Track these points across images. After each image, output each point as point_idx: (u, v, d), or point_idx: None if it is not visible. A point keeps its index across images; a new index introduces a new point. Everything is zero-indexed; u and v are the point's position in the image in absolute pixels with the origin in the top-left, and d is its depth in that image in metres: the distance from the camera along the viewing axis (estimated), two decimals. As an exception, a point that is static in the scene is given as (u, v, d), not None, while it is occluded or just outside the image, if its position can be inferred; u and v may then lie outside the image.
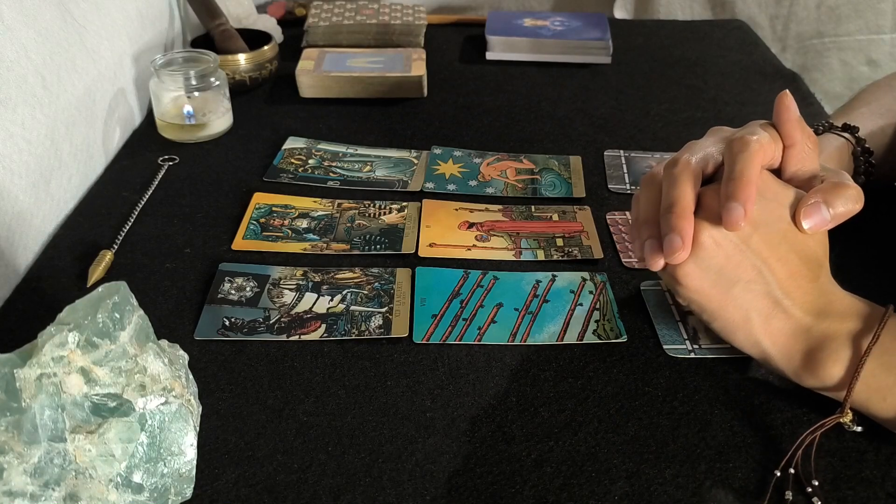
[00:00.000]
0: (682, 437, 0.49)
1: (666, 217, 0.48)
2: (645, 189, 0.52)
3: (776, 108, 0.50)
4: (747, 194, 0.46)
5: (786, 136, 0.50)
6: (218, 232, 0.67)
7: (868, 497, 0.45)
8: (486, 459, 0.47)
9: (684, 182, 0.48)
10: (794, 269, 0.48)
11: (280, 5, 1.12)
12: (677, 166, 0.49)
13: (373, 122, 0.86)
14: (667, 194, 0.49)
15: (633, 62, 1.03)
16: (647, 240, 0.49)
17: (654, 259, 0.48)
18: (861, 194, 0.48)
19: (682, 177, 0.48)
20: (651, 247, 0.49)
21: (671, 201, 0.48)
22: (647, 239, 0.49)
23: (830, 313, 0.48)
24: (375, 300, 0.59)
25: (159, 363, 0.43)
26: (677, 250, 0.47)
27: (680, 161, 0.49)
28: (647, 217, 0.51)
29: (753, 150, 0.47)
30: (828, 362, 0.47)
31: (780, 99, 0.50)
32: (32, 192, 0.65)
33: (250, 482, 0.46)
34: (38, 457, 0.40)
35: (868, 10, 1.33)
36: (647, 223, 0.50)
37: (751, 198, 0.46)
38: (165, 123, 0.81)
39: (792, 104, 0.49)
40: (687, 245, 0.47)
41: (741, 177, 0.46)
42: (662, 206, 0.49)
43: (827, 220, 0.47)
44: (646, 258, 0.49)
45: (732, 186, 0.46)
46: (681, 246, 0.47)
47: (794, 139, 0.50)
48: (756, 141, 0.47)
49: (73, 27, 0.73)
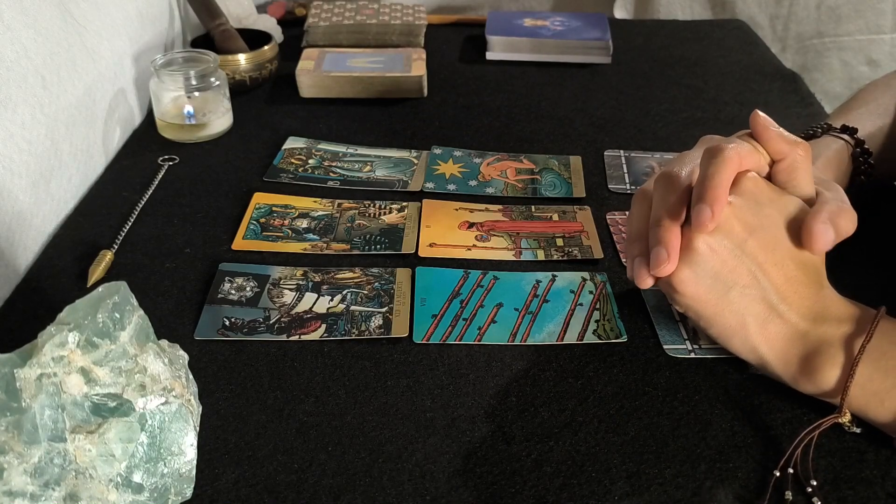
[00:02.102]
0: (682, 437, 0.49)
1: (654, 230, 0.49)
2: (636, 205, 0.53)
3: (752, 130, 0.50)
4: (714, 196, 0.46)
5: (773, 153, 0.50)
6: (218, 232, 0.67)
7: (868, 497, 0.45)
8: (486, 459, 0.47)
9: (672, 194, 0.49)
10: (790, 274, 0.48)
11: (280, 5, 1.12)
12: (667, 179, 0.50)
13: (373, 122, 0.86)
14: (656, 208, 0.50)
15: (633, 62, 1.03)
16: (636, 257, 0.50)
17: (642, 276, 0.49)
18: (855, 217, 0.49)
19: (669, 191, 0.49)
20: (639, 264, 0.50)
21: (659, 214, 0.49)
22: (636, 256, 0.50)
23: (827, 318, 0.48)
24: (375, 300, 0.59)
25: (159, 363, 0.43)
26: (662, 263, 0.47)
27: (669, 174, 0.50)
28: (637, 234, 0.52)
29: (726, 155, 0.47)
30: (825, 367, 0.47)
31: (752, 120, 0.50)
32: (32, 192, 0.65)
33: (250, 482, 0.46)
34: (38, 457, 0.40)
35: (868, 10, 1.33)
36: (638, 240, 0.51)
37: (719, 199, 0.46)
38: (165, 123, 0.81)
39: (766, 121, 0.50)
40: (673, 258, 0.47)
41: (710, 178, 0.47)
42: (651, 220, 0.50)
43: (832, 241, 0.48)
44: (634, 276, 0.50)
45: (702, 188, 0.47)
46: (666, 258, 0.47)
47: (781, 153, 0.50)
48: (731, 148, 0.48)
49: (73, 27, 0.73)
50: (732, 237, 0.47)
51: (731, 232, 0.47)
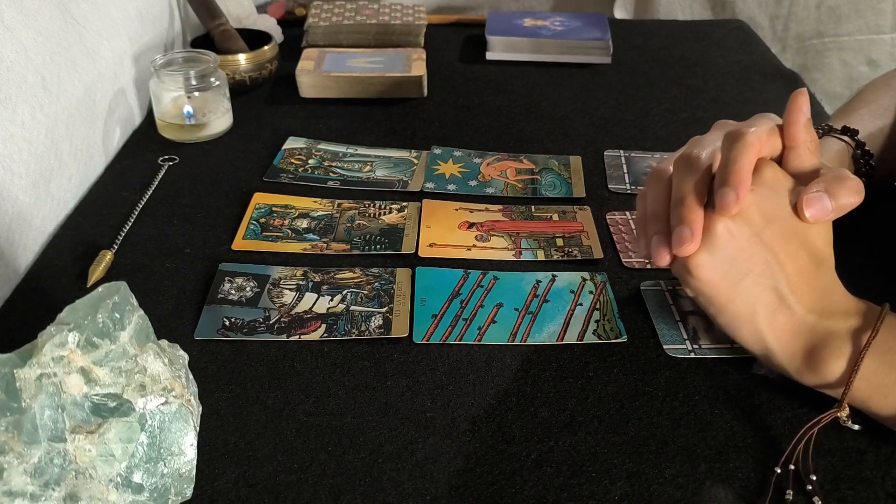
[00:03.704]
0: (682, 437, 0.49)
1: (676, 210, 0.48)
2: (652, 185, 0.52)
3: (789, 106, 0.50)
4: (739, 179, 0.46)
5: (789, 137, 0.50)
6: (218, 232, 0.67)
7: (868, 497, 0.45)
8: (486, 459, 0.47)
9: (694, 175, 0.48)
10: (802, 266, 0.48)
11: (280, 5, 1.12)
12: (687, 161, 0.49)
13: (373, 122, 0.86)
14: (677, 188, 0.49)
15: (633, 62, 1.03)
16: (654, 235, 0.50)
17: (661, 253, 0.49)
18: (862, 187, 0.48)
19: (691, 170, 0.49)
20: (658, 241, 0.49)
21: (682, 194, 0.48)
22: (654, 234, 0.50)
23: (833, 312, 0.48)
24: (375, 300, 0.59)
25: (159, 363, 0.43)
26: (686, 241, 0.47)
27: (690, 156, 0.50)
28: (654, 213, 0.51)
29: (748, 140, 0.47)
30: (829, 360, 0.47)
31: (794, 98, 0.50)
32: (32, 192, 0.65)
33: (250, 482, 0.46)
34: (38, 457, 0.40)
35: (868, 10, 1.33)
36: (655, 218, 0.51)
37: (744, 183, 0.46)
38: (165, 123, 0.81)
39: (805, 105, 0.49)
40: (696, 237, 0.47)
41: (734, 163, 0.47)
42: (673, 199, 0.49)
43: (829, 210, 0.47)
44: (652, 253, 0.49)
45: (726, 172, 0.47)
46: (690, 237, 0.47)
47: (797, 141, 0.50)
48: (752, 132, 0.47)
49: (73, 27, 0.73)
50: (752, 224, 0.47)
51: (751, 219, 0.47)
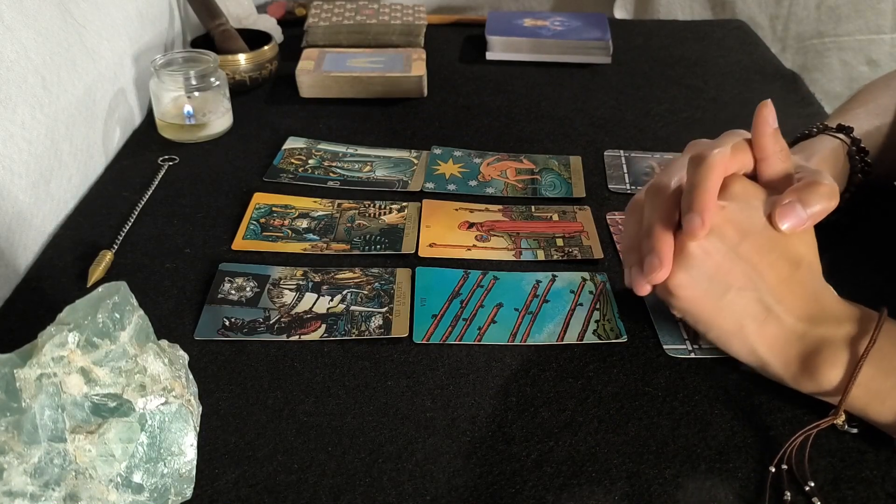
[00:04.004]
0: (682, 437, 0.49)
1: (646, 239, 0.50)
2: (629, 217, 0.54)
3: (755, 119, 0.50)
4: (703, 203, 0.47)
5: (759, 149, 0.50)
6: (218, 232, 0.67)
7: (868, 497, 0.45)
8: (486, 459, 0.47)
9: (662, 203, 0.50)
10: (784, 275, 0.48)
11: (280, 5, 1.12)
12: (656, 189, 0.51)
13: (373, 122, 0.86)
14: (646, 218, 0.50)
15: (633, 62, 1.03)
16: (631, 266, 0.51)
17: (639, 284, 0.50)
18: (835, 190, 0.48)
19: (657, 198, 0.50)
20: (636, 273, 0.50)
21: (650, 223, 0.50)
22: (631, 266, 0.51)
23: (825, 318, 0.48)
24: (375, 300, 0.59)
25: (159, 363, 0.43)
26: (655, 270, 0.48)
27: (659, 184, 0.51)
28: (631, 244, 0.52)
29: (710, 162, 0.47)
30: (825, 367, 0.47)
31: (759, 110, 0.50)
32: (32, 192, 0.65)
33: (250, 482, 0.46)
34: (38, 457, 0.40)
35: (868, 10, 1.33)
36: (630, 250, 0.52)
37: (708, 206, 0.46)
38: (165, 123, 0.81)
39: (770, 116, 0.50)
40: (666, 264, 0.48)
41: (697, 187, 0.47)
42: (643, 229, 0.50)
43: (804, 219, 0.47)
44: (632, 285, 0.51)
45: (690, 198, 0.47)
46: (659, 265, 0.48)
47: (766, 152, 0.50)
48: (715, 153, 0.48)
49: (73, 27, 0.73)
50: (726, 240, 0.48)
51: (725, 235, 0.48)
